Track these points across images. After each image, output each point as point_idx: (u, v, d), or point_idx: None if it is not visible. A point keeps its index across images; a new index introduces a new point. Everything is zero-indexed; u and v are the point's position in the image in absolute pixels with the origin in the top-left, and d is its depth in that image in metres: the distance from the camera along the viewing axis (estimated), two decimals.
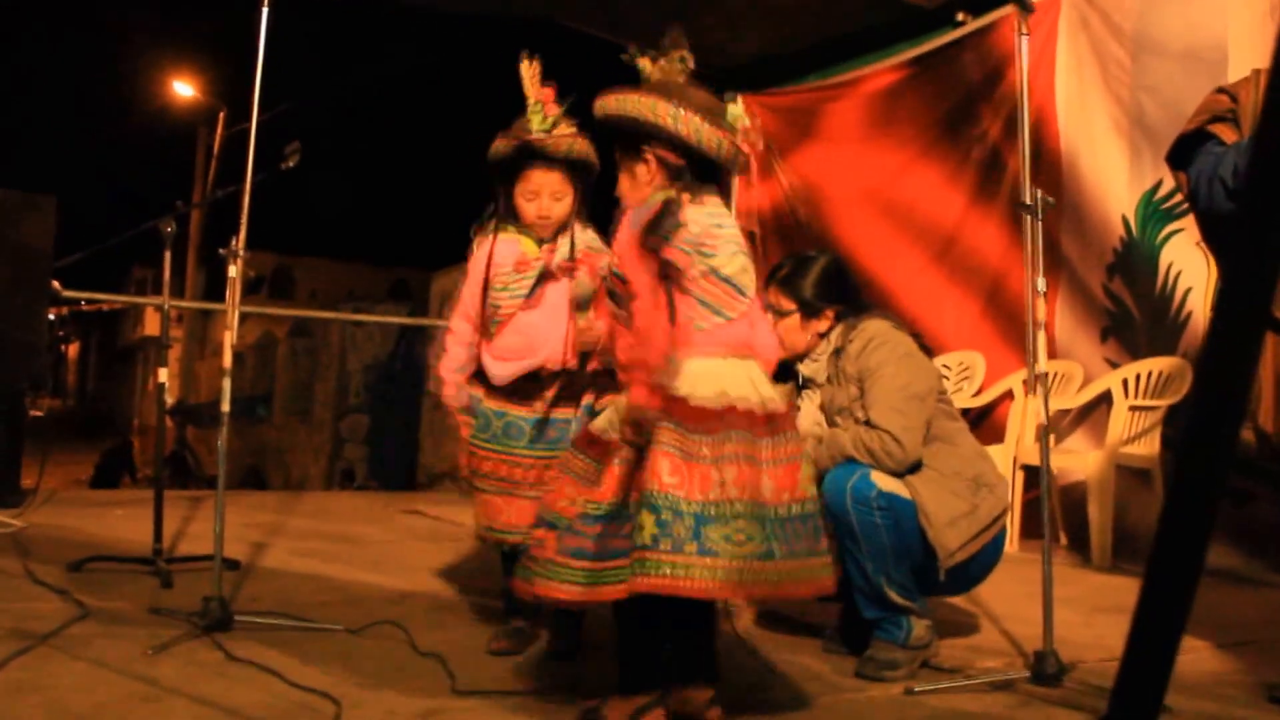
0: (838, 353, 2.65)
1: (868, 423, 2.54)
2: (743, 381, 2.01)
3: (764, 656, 2.61)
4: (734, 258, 2.07)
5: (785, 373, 2.76)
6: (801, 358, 2.74)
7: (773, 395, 2.05)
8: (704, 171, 2.09)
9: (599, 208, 2.55)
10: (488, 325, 2.67)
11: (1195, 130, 2.41)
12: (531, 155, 2.61)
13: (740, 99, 2.22)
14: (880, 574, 2.49)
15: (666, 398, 1.94)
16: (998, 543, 2.63)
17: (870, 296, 4.58)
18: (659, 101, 2.02)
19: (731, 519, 1.89)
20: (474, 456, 2.64)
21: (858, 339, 2.62)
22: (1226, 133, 2.34)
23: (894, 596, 2.50)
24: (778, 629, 2.94)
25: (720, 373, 2.00)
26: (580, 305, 2.60)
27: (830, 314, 2.69)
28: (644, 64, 2.11)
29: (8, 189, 4.71)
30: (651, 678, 2.00)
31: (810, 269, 2.72)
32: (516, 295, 2.63)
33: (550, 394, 2.62)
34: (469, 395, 2.69)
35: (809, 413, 2.73)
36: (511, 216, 2.67)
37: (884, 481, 2.50)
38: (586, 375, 2.63)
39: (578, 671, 2.44)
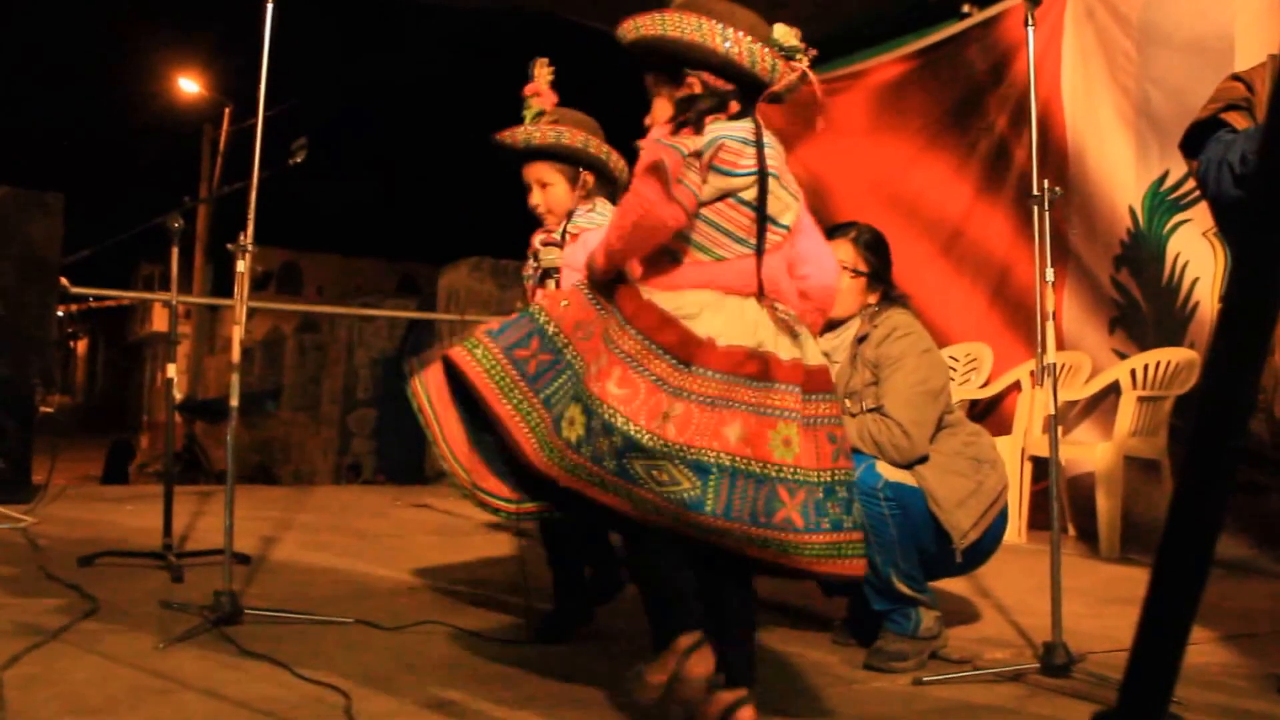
0: (863, 338, 2.66)
1: (878, 410, 2.55)
2: (729, 322, 1.82)
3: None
4: (751, 178, 1.88)
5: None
6: (825, 329, 2.72)
7: (781, 347, 1.83)
8: (750, 95, 1.92)
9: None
10: None
11: (1208, 117, 2.40)
12: (517, 153, 2.69)
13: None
14: (889, 566, 2.49)
15: (635, 299, 1.84)
16: (1003, 516, 2.65)
17: None
18: (705, 20, 1.84)
19: (661, 458, 1.72)
20: None
21: (883, 326, 2.64)
22: (1239, 120, 2.33)
23: (902, 588, 2.50)
24: (785, 621, 2.94)
25: (705, 305, 1.83)
26: (546, 275, 2.63)
27: (880, 290, 2.73)
28: None
29: (16, 188, 4.72)
30: (685, 618, 1.81)
31: (878, 238, 2.77)
32: (530, 278, 2.77)
33: None
34: None
35: None
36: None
37: (889, 472, 2.51)
38: None
39: (593, 664, 2.44)
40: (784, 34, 1.93)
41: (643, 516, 1.77)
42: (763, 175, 1.89)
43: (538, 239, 2.76)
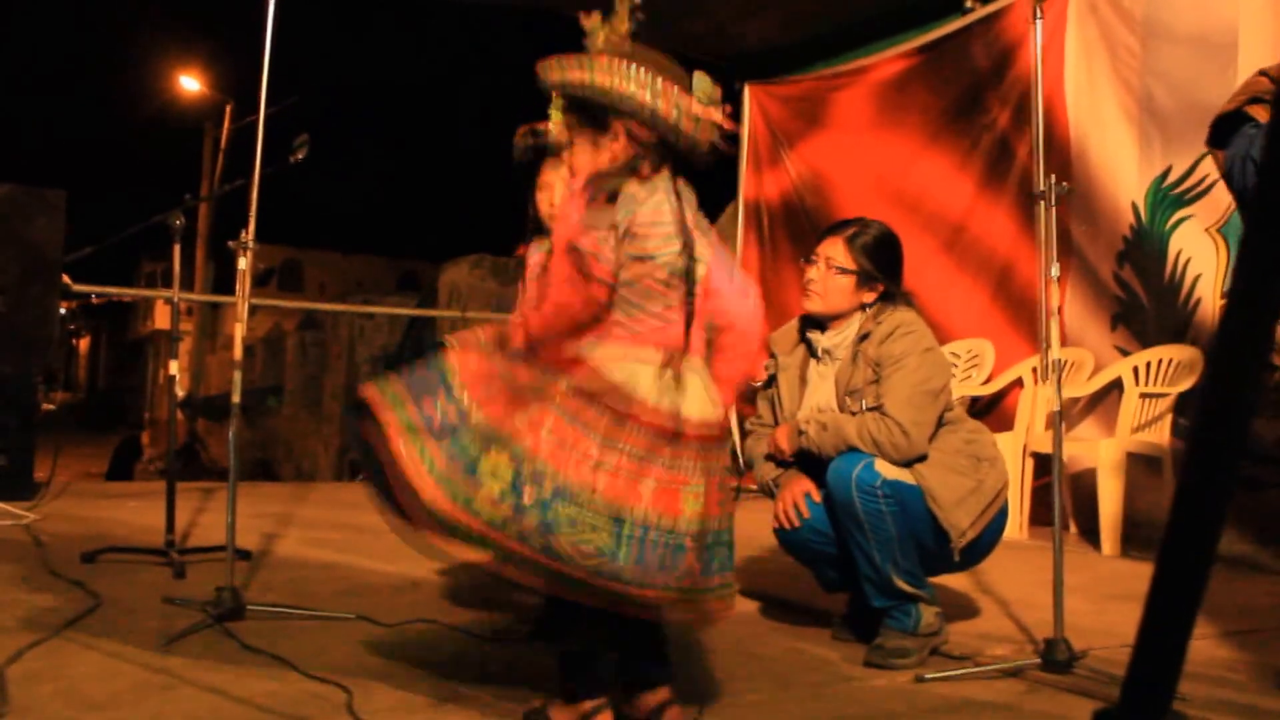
0: (864, 336, 2.65)
1: (878, 409, 2.54)
2: (654, 383, 1.82)
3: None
4: (669, 242, 1.85)
5: (807, 327, 2.78)
6: (825, 326, 2.73)
7: (691, 406, 1.84)
8: (670, 148, 1.87)
9: None
10: None
11: (1233, 110, 2.40)
12: (543, 152, 2.63)
13: (747, 86, 2.09)
14: (888, 562, 2.49)
15: (570, 356, 1.82)
16: (1003, 514, 2.65)
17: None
18: (636, 70, 1.81)
19: (586, 507, 1.73)
20: None
21: (886, 323, 2.62)
22: (1263, 114, 2.33)
23: (902, 584, 2.50)
24: (786, 618, 2.94)
25: (634, 368, 1.82)
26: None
27: (880, 289, 2.70)
28: (592, 23, 1.90)
29: (18, 185, 4.72)
30: (594, 684, 1.88)
31: (879, 238, 2.73)
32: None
33: None
34: None
35: (820, 388, 2.73)
36: (539, 225, 2.70)
37: (888, 469, 2.50)
38: None
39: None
40: (703, 85, 1.88)
41: (548, 586, 1.79)
42: (687, 245, 1.87)
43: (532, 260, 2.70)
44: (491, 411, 1.83)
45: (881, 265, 2.70)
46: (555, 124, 2.60)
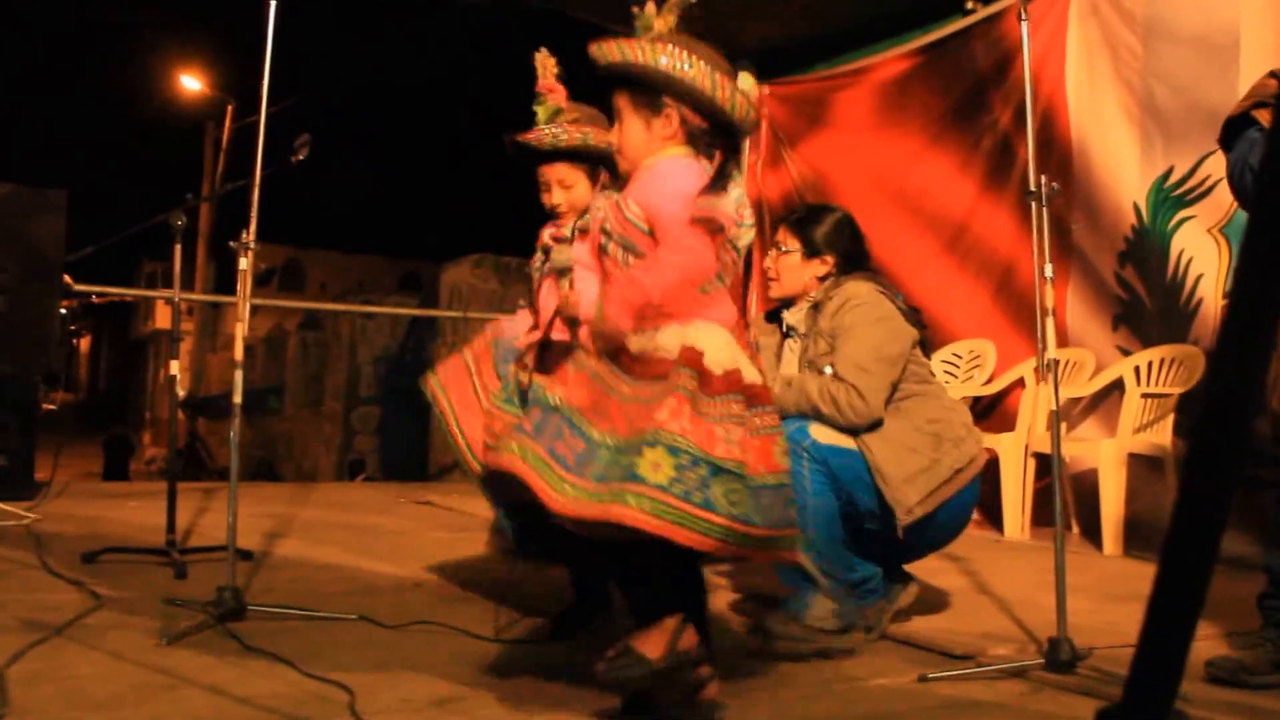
0: (817, 307, 2.68)
1: (836, 377, 2.56)
2: (736, 350, 1.97)
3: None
4: (749, 231, 2.05)
5: (774, 316, 2.88)
6: (790, 304, 2.81)
7: (752, 368, 2.01)
8: (715, 136, 2.02)
9: None
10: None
11: (1241, 114, 2.41)
12: (531, 156, 2.66)
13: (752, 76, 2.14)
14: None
15: (686, 349, 1.90)
16: (964, 496, 2.61)
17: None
18: (694, 58, 1.93)
19: (730, 478, 1.84)
20: (491, 418, 2.67)
21: (837, 297, 2.66)
22: (1267, 118, 2.33)
23: (803, 560, 2.38)
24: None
25: (723, 338, 1.96)
26: (559, 274, 2.62)
27: (830, 260, 2.76)
28: (649, 11, 2.00)
29: (19, 185, 4.72)
30: (673, 599, 1.92)
31: (822, 216, 2.83)
32: (537, 271, 2.75)
33: (555, 365, 2.64)
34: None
35: (791, 361, 2.78)
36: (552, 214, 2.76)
37: (825, 435, 2.50)
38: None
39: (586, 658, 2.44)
40: (747, 82, 2.03)
41: (712, 545, 1.83)
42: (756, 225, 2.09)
43: (547, 233, 2.75)
44: (617, 424, 1.89)
45: (827, 239, 2.77)
46: (540, 127, 2.64)
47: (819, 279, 2.77)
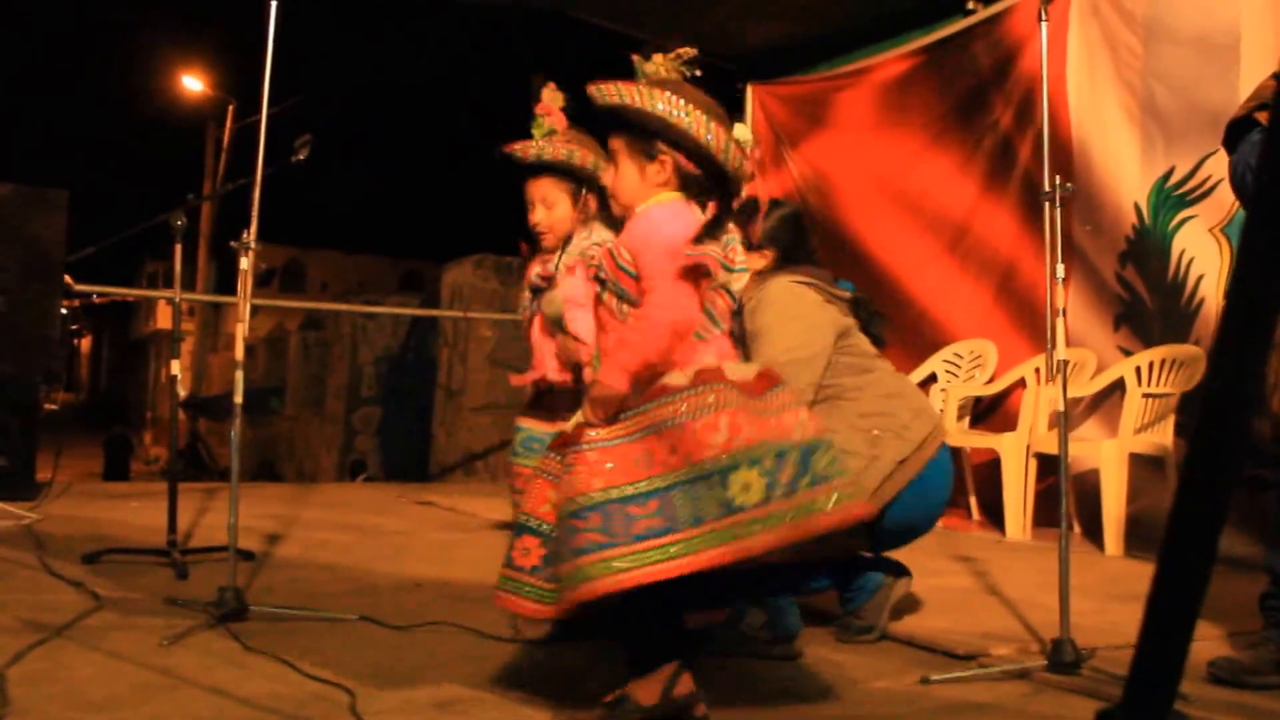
0: (739, 310, 2.66)
1: None
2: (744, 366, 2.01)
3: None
4: (742, 277, 2.06)
5: None
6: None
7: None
8: (709, 184, 2.04)
9: None
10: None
11: (1244, 115, 2.40)
12: (522, 167, 2.68)
13: (750, 87, 2.17)
14: None
15: (702, 370, 1.90)
16: (920, 486, 2.57)
17: (866, 278, 4.59)
18: (690, 107, 1.96)
19: (821, 449, 1.84)
20: (512, 475, 2.76)
21: (755, 298, 2.63)
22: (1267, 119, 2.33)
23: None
24: None
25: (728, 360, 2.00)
26: (552, 322, 2.62)
27: (769, 254, 2.72)
28: (655, 61, 2.02)
29: (20, 185, 4.73)
30: (668, 648, 1.92)
31: (767, 212, 2.78)
32: (525, 308, 2.78)
33: (559, 407, 2.61)
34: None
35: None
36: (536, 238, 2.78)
37: None
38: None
39: (598, 663, 2.45)
40: (743, 133, 2.06)
41: (872, 506, 1.92)
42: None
43: (534, 272, 2.75)
44: (684, 456, 1.85)
45: (768, 233, 2.73)
46: (536, 141, 2.65)
47: (756, 274, 2.68)
